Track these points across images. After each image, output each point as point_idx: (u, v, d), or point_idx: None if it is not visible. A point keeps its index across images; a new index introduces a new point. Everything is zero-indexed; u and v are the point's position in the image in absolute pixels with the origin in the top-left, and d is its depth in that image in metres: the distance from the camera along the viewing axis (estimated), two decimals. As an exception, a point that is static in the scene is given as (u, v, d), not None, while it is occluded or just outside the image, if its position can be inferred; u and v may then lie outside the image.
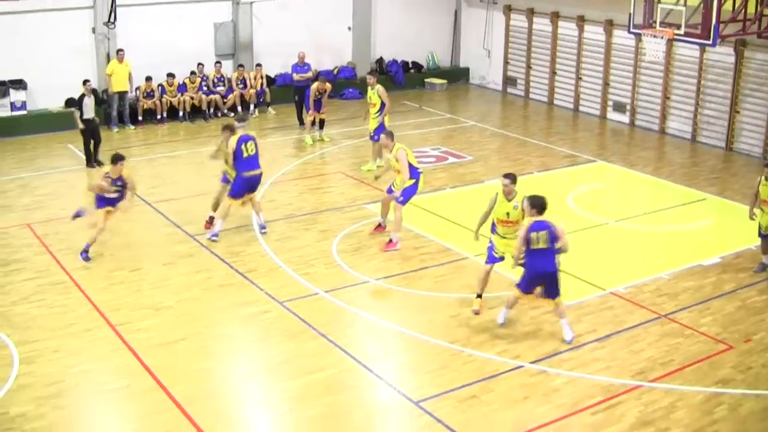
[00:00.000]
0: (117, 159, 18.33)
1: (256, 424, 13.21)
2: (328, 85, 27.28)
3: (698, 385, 13.93)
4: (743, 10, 23.66)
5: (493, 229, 16.08)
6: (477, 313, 15.92)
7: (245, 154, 19.10)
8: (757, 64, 27.17)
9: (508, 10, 34.95)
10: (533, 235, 14.49)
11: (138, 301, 16.39)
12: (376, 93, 23.82)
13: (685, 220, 21.31)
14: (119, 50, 27.96)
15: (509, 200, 15.65)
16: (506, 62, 35.57)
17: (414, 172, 18.93)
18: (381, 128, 23.44)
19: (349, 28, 34.37)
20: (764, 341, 15.47)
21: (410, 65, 36.16)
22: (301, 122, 28.09)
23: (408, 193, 18.92)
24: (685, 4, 22.97)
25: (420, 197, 20.72)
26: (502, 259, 16.08)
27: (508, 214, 15.67)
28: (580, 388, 13.79)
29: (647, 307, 16.52)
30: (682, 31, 22.65)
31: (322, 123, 27.33)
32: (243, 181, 19.16)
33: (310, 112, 26.93)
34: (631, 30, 24.58)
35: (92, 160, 24.22)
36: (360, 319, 15.88)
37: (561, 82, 33.48)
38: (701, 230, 20.84)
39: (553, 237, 14.53)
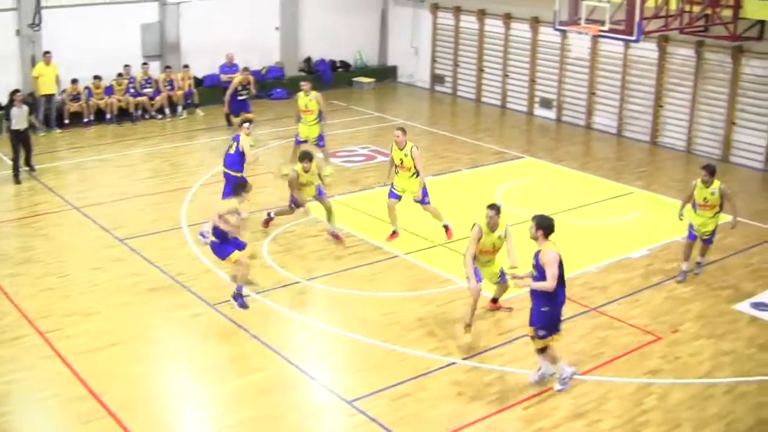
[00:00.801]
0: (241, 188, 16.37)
1: (191, 427, 13.10)
2: (251, 77, 27.00)
3: (628, 376, 14.10)
4: (665, 7, 23.98)
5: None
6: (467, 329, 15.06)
7: (228, 151, 19.45)
8: (680, 59, 27.54)
9: (435, 8, 35.03)
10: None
11: (67, 307, 16.15)
12: (314, 100, 23.48)
13: (612, 214, 21.55)
14: (46, 52, 27.55)
15: (493, 231, 15.02)
16: (434, 60, 35.66)
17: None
18: (323, 135, 23.48)
19: (277, 28, 34.23)
20: (691, 331, 15.71)
21: (338, 64, 36.12)
22: (230, 123, 27.91)
23: (426, 192, 19.30)
24: (609, 1, 23.20)
25: (349, 196, 20.87)
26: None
27: (494, 245, 15.10)
28: (512, 382, 13.88)
29: (577, 300, 16.65)
30: (606, 28, 22.90)
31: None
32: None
33: (237, 112, 26.75)
34: (557, 27, 24.80)
35: (19, 174, 23.40)
36: (292, 320, 15.82)
37: (488, 79, 33.64)
38: (629, 223, 21.08)
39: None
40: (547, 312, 13.33)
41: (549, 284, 13.08)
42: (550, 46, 31.16)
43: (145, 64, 30.22)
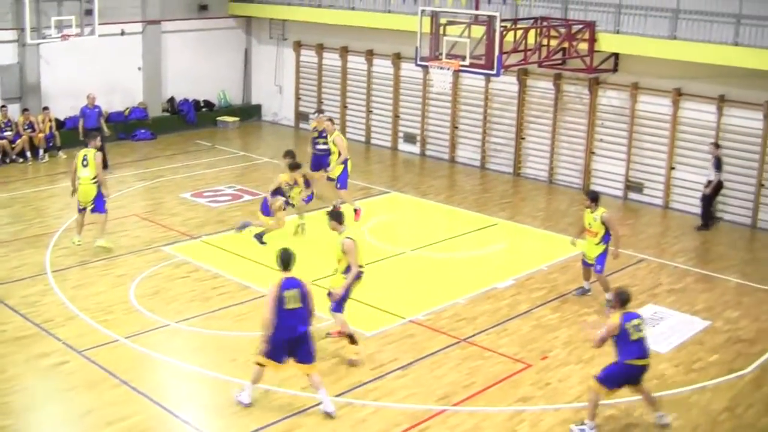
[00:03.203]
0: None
1: (59, 478, 12.77)
2: None
3: (501, 405, 14.25)
4: (524, 41, 24.48)
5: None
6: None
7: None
8: (539, 92, 28.16)
9: (297, 46, 35.12)
10: (286, 294, 13.48)
11: (-74, 360, 15.61)
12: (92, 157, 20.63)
13: (478, 246, 21.82)
14: None
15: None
16: (298, 98, 35.70)
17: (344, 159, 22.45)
18: (102, 197, 20.89)
19: (140, 68, 33.82)
20: (560, 357, 15.97)
21: (202, 104, 35.86)
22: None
23: (343, 179, 22.56)
24: (469, 36, 23.57)
25: (216, 236, 20.69)
26: None
27: (338, 258, 15.66)
28: (387, 416, 13.88)
29: (447, 332, 16.79)
30: (467, 63, 23.17)
31: None
32: None
33: None
34: (418, 63, 25.03)
35: None
36: (163, 364, 15.57)
37: (352, 115, 33.81)
38: (495, 254, 21.37)
39: (305, 295, 13.62)
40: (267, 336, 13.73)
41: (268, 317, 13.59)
42: (412, 82, 31.50)
43: (3, 106, 29.46)
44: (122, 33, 32.73)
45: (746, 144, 24.18)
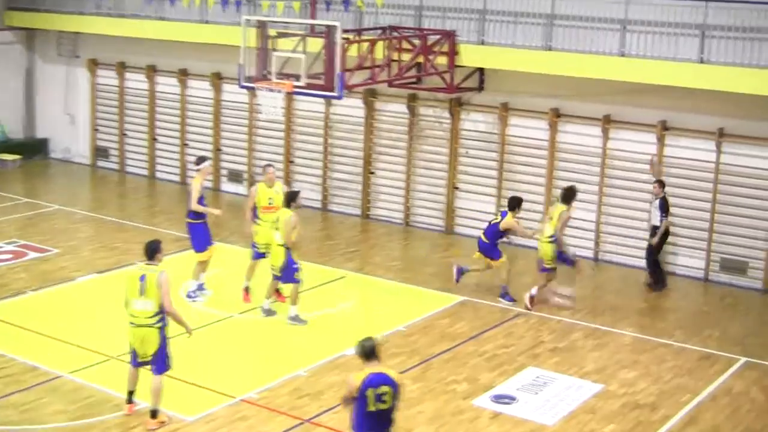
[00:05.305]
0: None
1: None
2: None
3: (355, 500, 14.15)
4: (371, 55, 24.50)
5: None
6: None
7: None
8: (390, 117, 28.35)
9: (93, 64, 34.67)
10: None
11: None
12: None
13: (322, 304, 21.71)
14: None
15: None
16: (94, 129, 35.24)
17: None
18: None
19: None
20: (425, 437, 15.98)
21: (-27, 139, 35.20)
22: None
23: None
24: (304, 51, 23.44)
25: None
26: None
27: None
28: None
29: (286, 412, 16.63)
30: (302, 83, 23.06)
31: None
32: None
33: None
34: (243, 84, 24.82)
35: None
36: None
37: (163, 150, 33.53)
38: (342, 314, 21.30)
39: None
40: None
41: None
42: (236, 107, 31.46)
43: None
44: None
45: (637, 172, 24.77)
